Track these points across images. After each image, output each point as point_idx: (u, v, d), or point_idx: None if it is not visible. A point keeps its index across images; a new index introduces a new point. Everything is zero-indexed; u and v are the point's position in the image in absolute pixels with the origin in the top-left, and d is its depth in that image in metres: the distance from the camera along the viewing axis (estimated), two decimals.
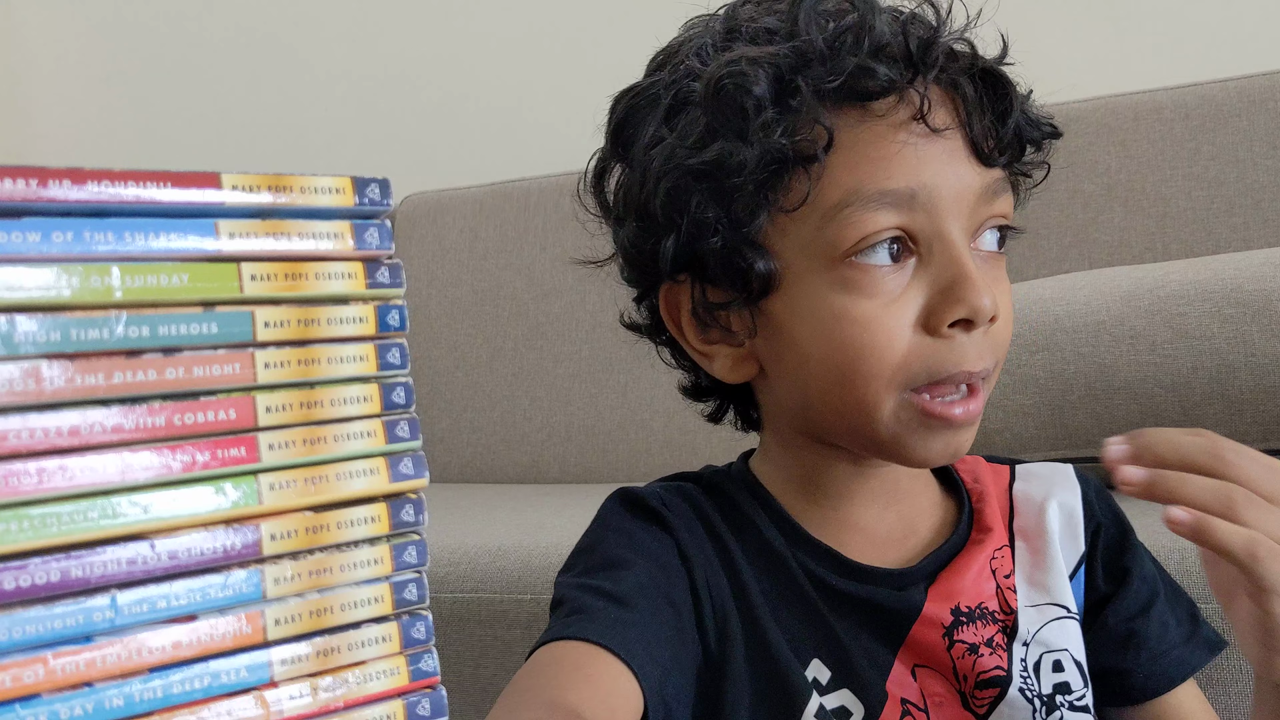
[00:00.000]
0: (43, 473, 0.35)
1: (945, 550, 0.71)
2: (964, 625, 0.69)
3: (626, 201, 0.71)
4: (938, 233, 0.64)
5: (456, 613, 1.12)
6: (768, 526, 0.71)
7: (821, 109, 0.63)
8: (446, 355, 1.92)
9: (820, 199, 0.64)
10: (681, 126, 0.66)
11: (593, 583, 0.66)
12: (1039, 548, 0.73)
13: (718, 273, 0.67)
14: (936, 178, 0.64)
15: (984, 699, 0.68)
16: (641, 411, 1.72)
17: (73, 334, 0.36)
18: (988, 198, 0.66)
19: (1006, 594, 0.71)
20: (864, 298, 0.64)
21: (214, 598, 0.38)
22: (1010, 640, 0.69)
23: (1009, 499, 0.75)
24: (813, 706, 0.66)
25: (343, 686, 0.40)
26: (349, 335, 0.42)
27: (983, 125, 0.65)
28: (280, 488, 0.40)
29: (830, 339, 0.64)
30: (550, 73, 2.09)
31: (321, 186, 0.41)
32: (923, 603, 0.69)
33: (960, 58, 0.65)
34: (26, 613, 0.35)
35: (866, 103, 0.63)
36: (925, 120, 0.63)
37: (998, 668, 0.68)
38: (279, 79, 2.33)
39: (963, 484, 0.75)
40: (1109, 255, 1.51)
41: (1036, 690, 0.69)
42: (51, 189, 0.36)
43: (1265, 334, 1.01)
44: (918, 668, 0.69)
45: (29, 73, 2.57)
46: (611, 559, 0.67)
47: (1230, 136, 1.48)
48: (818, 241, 0.64)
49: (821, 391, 0.66)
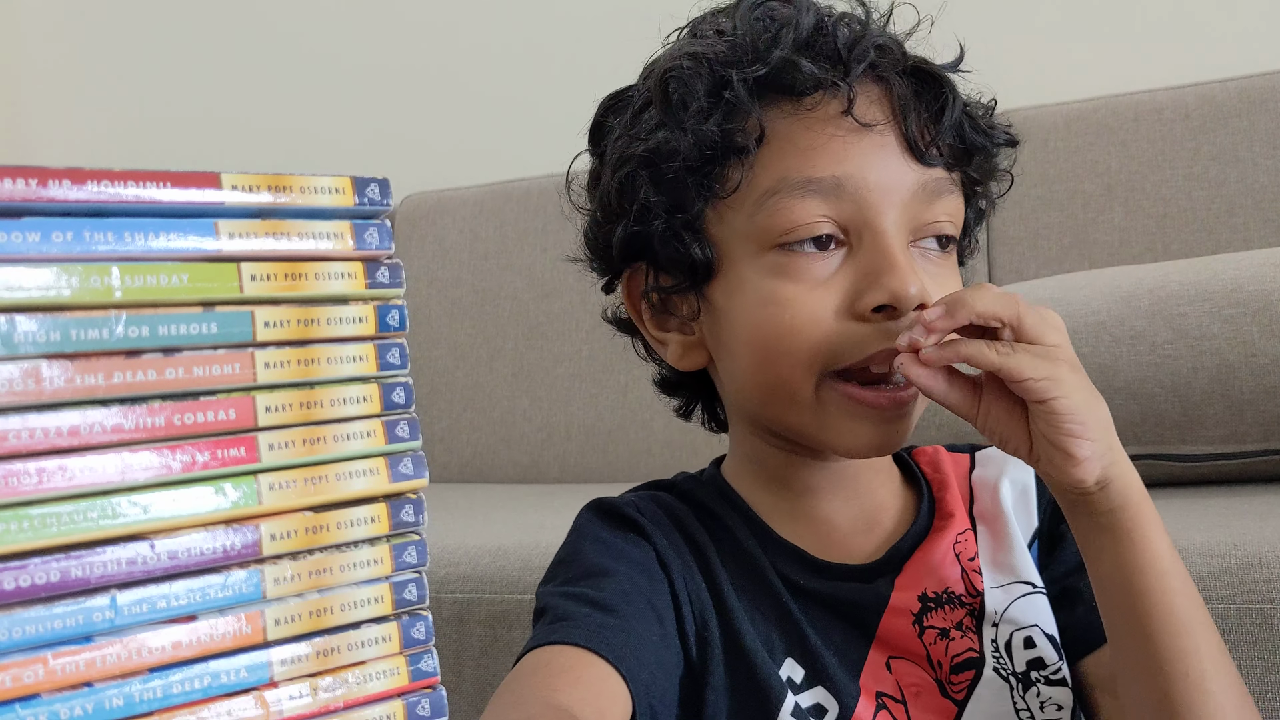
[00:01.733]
0: (43, 473, 0.35)
1: (908, 540, 0.72)
2: (932, 611, 0.70)
3: (591, 193, 0.75)
4: (866, 222, 0.65)
5: (456, 613, 1.12)
6: (740, 529, 0.72)
7: (753, 102, 0.66)
8: (446, 355, 1.92)
9: (752, 187, 0.67)
10: (641, 121, 0.71)
11: (575, 590, 0.66)
12: (998, 529, 0.74)
13: (664, 258, 0.70)
14: (865, 169, 0.65)
15: (961, 683, 0.69)
16: (641, 411, 1.72)
17: (73, 334, 0.36)
18: (926, 196, 0.67)
19: (972, 576, 0.72)
20: (790, 281, 0.66)
21: (214, 598, 0.38)
22: (979, 622, 0.70)
23: (969, 485, 0.76)
24: (788, 706, 0.67)
25: (343, 687, 0.40)
26: (349, 335, 0.42)
27: (919, 123, 0.67)
28: (280, 488, 0.40)
29: (756, 321, 0.67)
30: (550, 73, 2.09)
31: (321, 186, 0.41)
32: (890, 593, 0.70)
33: (890, 55, 0.67)
34: (26, 613, 0.35)
35: (799, 97, 0.66)
36: (852, 114, 0.65)
37: (970, 649, 0.69)
38: (279, 79, 2.33)
39: (922, 474, 0.76)
40: (1109, 255, 1.51)
41: (1010, 669, 0.70)
42: (51, 189, 0.36)
43: (1265, 334, 1.01)
44: (893, 659, 0.69)
45: (29, 73, 2.57)
46: (592, 568, 0.68)
47: (1230, 136, 1.48)
48: (750, 229, 0.67)
49: (750, 373, 0.68)
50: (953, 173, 0.69)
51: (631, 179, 0.70)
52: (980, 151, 0.70)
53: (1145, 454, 1.07)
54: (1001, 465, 0.76)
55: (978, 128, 0.69)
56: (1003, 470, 0.76)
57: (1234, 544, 0.85)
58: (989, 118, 0.71)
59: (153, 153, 2.39)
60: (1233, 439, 1.03)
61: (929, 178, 0.67)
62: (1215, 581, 0.83)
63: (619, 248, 0.72)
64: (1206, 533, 0.88)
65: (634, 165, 0.69)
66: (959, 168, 0.69)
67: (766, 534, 0.72)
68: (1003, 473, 0.76)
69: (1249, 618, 0.82)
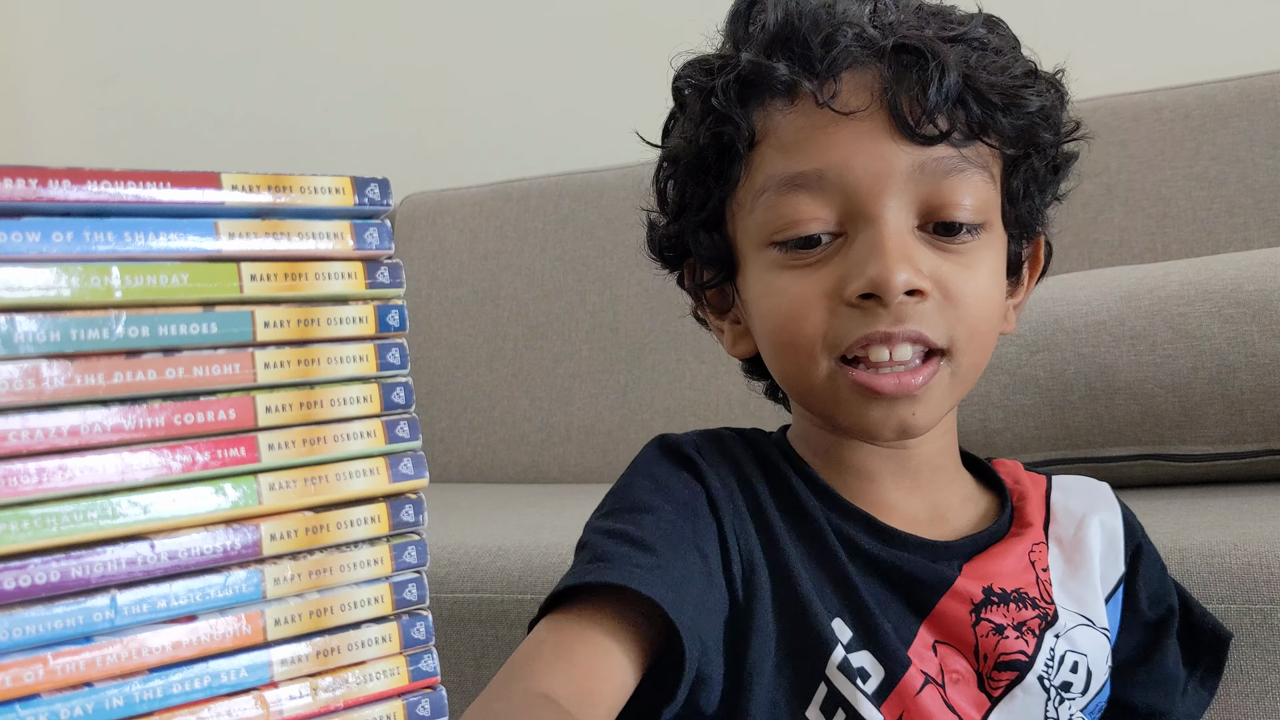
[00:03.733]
0: (43, 473, 0.35)
1: (984, 536, 0.72)
2: (994, 606, 0.69)
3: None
4: (858, 210, 0.66)
5: (456, 613, 1.12)
6: (800, 488, 0.72)
7: (737, 107, 0.68)
8: (446, 355, 1.91)
9: (750, 186, 0.69)
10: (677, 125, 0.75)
11: (617, 526, 0.66)
12: (1075, 560, 0.73)
13: (696, 254, 0.74)
14: (849, 158, 0.65)
15: (1001, 681, 0.69)
16: (641, 411, 1.72)
17: (73, 334, 0.36)
18: (928, 178, 0.66)
19: (1045, 585, 0.72)
20: (786, 271, 0.68)
21: (214, 598, 0.38)
22: (1046, 628, 0.70)
23: (1046, 505, 0.76)
24: (836, 658, 0.66)
25: (343, 687, 0.40)
26: (349, 335, 0.42)
27: (908, 102, 0.65)
28: (280, 488, 0.40)
29: (764, 312, 0.70)
30: (550, 73, 2.09)
31: (321, 186, 0.41)
32: (955, 576, 0.70)
33: (866, 39, 0.66)
34: (26, 613, 0.35)
35: (784, 95, 0.67)
36: (830, 104, 0.65)
37: (1021, 652, 0.69)
38: (279, 79, 2.33)
39: (1004, 483, 0.77)
40: (1109, 255, 1.51)
41: (1053, 680, 0.69)
42: (51, 189, 0.36)
43: (1265, 334, 1.01)
44: (939, 644, 0.69)
45: (29, 73, 2.57)
46: (637, 503, 0.68)
47: (1230, 136, 1.48)
48: (751, 225, 0.70)
49: (773, 361, 0.72)
50: (964, 148, 0.66)
51: (666, 179, 0.75)
52: (992, 119, 0.66)
53: (1145, 454, 1.07)
54: (1090, 502, 0.76)
55: (983, 99, 0.66)
56: (1092, 508, 0.76)
57: (1234, 544, 0.85)
58: (1013, 86, 0.67)
59: (153, 153, 2.39)
60: (1233, 439, 1.03)
61: (927, 158, 0.65)
62: (1215, 581, 0.83)
63: (667, 245, 0.76)
64: (1206, 533, 0.88)
65: (665, 167, 0.75)
66: (977, 140, 0.67)
67: (830, 497, 0.72)
68: (1092, 511, 0.76)
69: (1249, 618, 0.82)
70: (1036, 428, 1.08)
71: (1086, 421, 1.07)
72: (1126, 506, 0.78)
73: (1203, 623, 0.79)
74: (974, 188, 0.67)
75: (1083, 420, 1.07)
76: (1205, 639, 0.78)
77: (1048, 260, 0.79)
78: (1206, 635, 0.78)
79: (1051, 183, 0.75)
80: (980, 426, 1.09)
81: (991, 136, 0.67)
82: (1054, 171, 0.74)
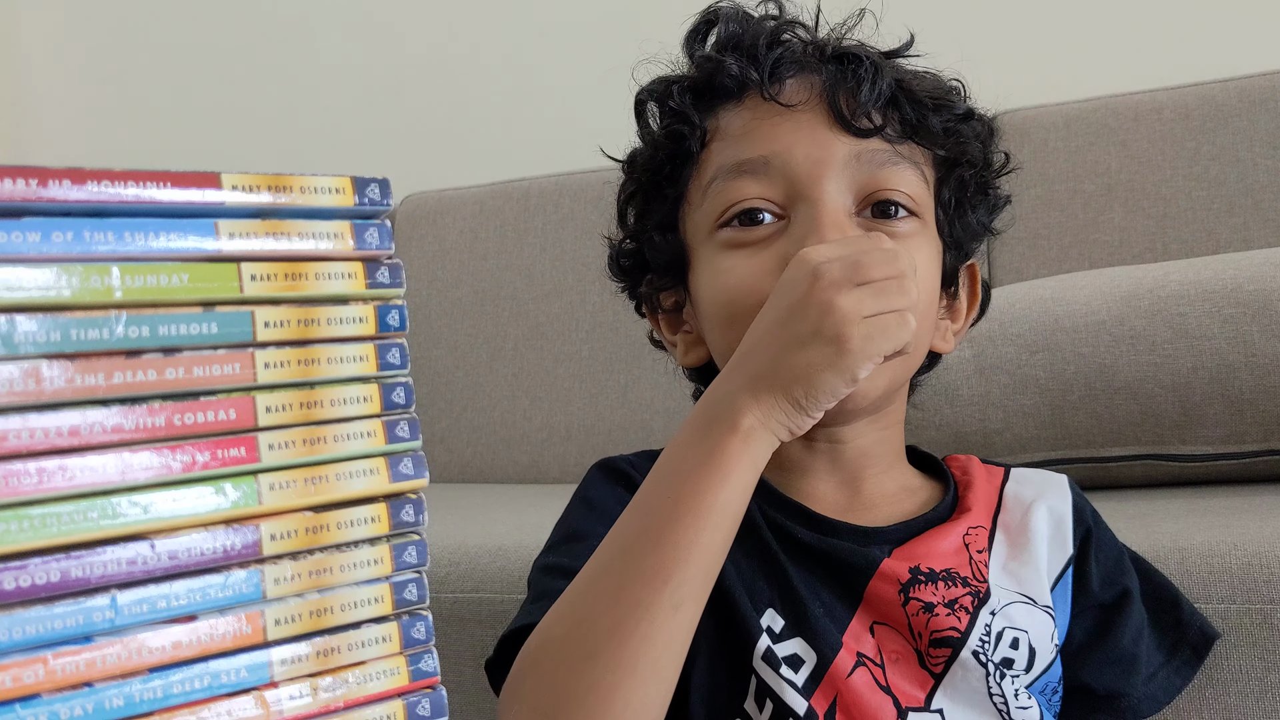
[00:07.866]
0: (43, 473, 0.35)
1: (919, 522, 0.75)
2: (922, 584, 0.71)
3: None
4: (799, 193, 0.71)
5: (456, 613, 1.11)
6: None
7: (692, 108, 0.74)
8: (446, 355, 1.91)
9: (700, 181, 0.75)
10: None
11: (553, 561, 0.72)
12: (1020, 544, 0.75)
13: (651, 261, 0.79)
14: (791, 145, 0.71)
15: (938, 658, 0.70)
16: (641, 411, 1.72)
17: (73, 334, 0.36)
18: (864, 166, 0.71)
19: (980, 566, 0.73)
20: (733, 251, 0.72)
21: (214, 598, 0.38)
22: (980, 605, 0.71)
23: (999, 496, 0.78)
24: (760, 649, 0.68)
25: (343, 686, 0.40)
26: (349, 335, 0.42)
27: (846, 98, 0.72)
28: (280, 488, 0.40)
29: (712, 294, 0.73)
30: (550, 73, 2.09)
31: (321, 186, 0.41)
32: (882, 559, 0.72)
33: (813, 49, 0.74)
34: (26, 613, 0.35)
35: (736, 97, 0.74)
36: (776, 99, 0.72)
37: (953, 629, 0.70)
38: (279, 79, 2.33)
39: (950, 474, 0.79)
40: (1109, 255, 1.51)
41: (990, 656, 0.70)
42: (51, 189, 0.36)
43: (1265, 334, 1.01)
44: (876, 625, 0.71)
45: (29, 73, 2.57)
46: (573, 531, 0.73)
47: (1230, 136, 1.48)
48: (700, 217, 0.74)
49: (720, 346, 0.73)
50: (899, 145, 0.72)
51: (627, 196, 0.80)
52: (922, 119, 0.73)
53: (1145, 454, 1.07)
54: (1039, 490, 0.78)
55: (914, 100, 0.73)
56: (1040, 495, 0.78)
57: (1234, 544, 0.85)
58: (941, 92, 0.75)
59: (153, 153, 2.39)
60: (1233, 439, 1.03)
61: (863, 148, 0.71)
62: (1215, 581, 0.83)
63: (625, 257, 0.81)
64: (1206, 533, 0.87)
65: (625, 183, 0.79)
66: (909, 139, 0.73)
67: (764, 488, 0.73)
68: (1039, 498, 0.77)
69: (1249, 618, 0.82)
70: (1036, 428, 1.08)
71: (1086, 421, 1.07)
72: (1082, 495, 0.80)
73: (1191, 620, 0.79)
74: (908, 179, 0.73)
75: (1083, 420, 1.07)
76: (1190, 635, 0.79)
77: (985, 299, 0.83)
78: (1193, 632, 0.79)
79: (981, 203, 0.79)
80: (980, 426, 1.09)
81: (923, 137, 0.74)
82: (983, 192, 0.79)
